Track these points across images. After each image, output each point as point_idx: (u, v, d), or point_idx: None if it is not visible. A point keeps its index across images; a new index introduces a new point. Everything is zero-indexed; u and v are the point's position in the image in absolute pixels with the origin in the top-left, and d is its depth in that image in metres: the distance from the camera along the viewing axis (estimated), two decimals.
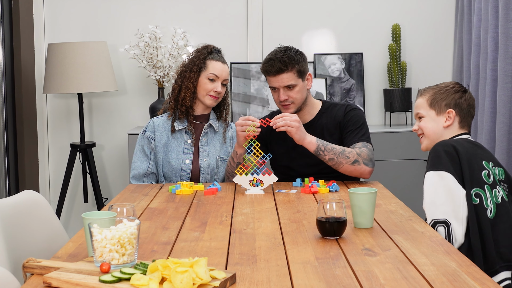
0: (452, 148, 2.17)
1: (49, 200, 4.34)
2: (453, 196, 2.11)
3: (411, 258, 1.68)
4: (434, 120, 2.36)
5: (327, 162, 2.67)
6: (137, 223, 1.60)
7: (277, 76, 2.72)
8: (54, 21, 4.32)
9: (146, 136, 2.90)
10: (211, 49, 2.94)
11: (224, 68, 2.90)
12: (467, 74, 3.91)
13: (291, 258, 1.70)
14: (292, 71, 2.71)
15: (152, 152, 2.89)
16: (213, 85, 2.87)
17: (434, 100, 2.36)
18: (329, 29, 4.35)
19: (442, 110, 2.35)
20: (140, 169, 2.88)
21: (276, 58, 2.71)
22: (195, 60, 2.89)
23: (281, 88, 2.73)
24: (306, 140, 2.65)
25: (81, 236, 1.94)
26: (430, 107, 2.37)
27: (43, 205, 2.19)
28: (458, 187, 2.12)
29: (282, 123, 2.60)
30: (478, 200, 2.13)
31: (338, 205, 1.89)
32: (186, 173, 2.88)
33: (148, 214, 2.26)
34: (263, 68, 2.75)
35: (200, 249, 1.80)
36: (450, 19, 4.31)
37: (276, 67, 2.70)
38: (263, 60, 2.78)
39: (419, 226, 2.02)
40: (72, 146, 4.03)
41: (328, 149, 2.66)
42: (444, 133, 2.35)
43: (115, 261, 1.56)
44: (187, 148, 2.90)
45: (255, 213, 2.25)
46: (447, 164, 2.14)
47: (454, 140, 2.26)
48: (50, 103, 4.36)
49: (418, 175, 4.01)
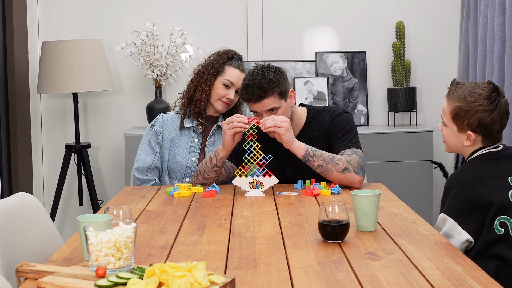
0: (465, 186, 2.09)
1: (43, 203, 4.34)
2: (448, 238, 2.10)
3: (415, 262, 1.68)
4: (455, 135, 2.23)
5: (316, 169, 2.63)
6: (133, 226, 1.60)
7: (258, 102, 2.64)
8: (48, 18, 4.32)
9: (154, 130, 2.95)
10: (232, 55, 2.99)
11: (241, 76, 2.94)
12: (473, 72, 3.91)
13: (292, 262, 1.70)
14: (273, 95, 2.63)
15: (159, 146, 2.93)
16: (226, 91, 2.92)
17: (457, 116, 2.19)
18: (331, 26, 4.35)
19: (463, 129, 2.19)
20: (144, 162, 2.91)
21: (254, 84, 2.61)
22: (214, 63, 2.94)
23: (264, 112, 2.66)
24: (294, 144, 2.61)
25: (76, 239, 1.94)
26: (452, 121, 2.21)
27: (37, 208, 2.19)
28: (457, 231, 2.08)
29: (271, 123, 2.56)
30: (503, 230, 2.03)
31: (341, 208, 1.89)
32: (190, 171, 2.92)
33: (145, 217, 2.26)
34: (242, 96, 2.67)
35: (198, 253, 1.80)
36: (456, 16, 4.31)
37: (255, 94, 2.62)
38: (241, 86, 2.69)
39: (423, 229, 2.02)
40: (67, 147, 4.03)
41: (317, 155, 2.62)
42: (464, 150, 2.24)
43: (111, 265, 1.56)
44: (194, 146, 2.95)
45: (255, 216, 2.25)
46: (451, 207, 2.11)
47: (470, 169, 2.15)
48: (44, 102, 4.37)
49: (422, 177, 4.02)
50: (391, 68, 4.25)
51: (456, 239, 2.08)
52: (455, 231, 2.09)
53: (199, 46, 4.23)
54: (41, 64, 3.91)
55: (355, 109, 4.28)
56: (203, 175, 2.77)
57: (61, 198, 4.20)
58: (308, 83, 4.24)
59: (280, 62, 4.26)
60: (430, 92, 4.36)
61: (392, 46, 4.19)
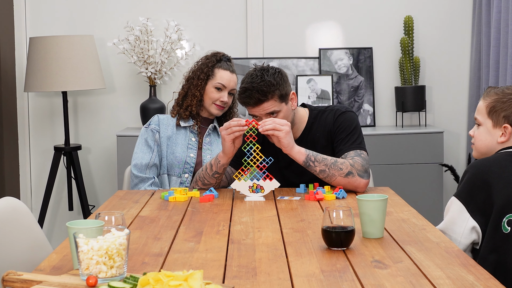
0: (482, 172, 2.12)
1: (30, 208, 4.34)
2: (452, 225, 2.14)
3: (424, 271, 1.68)
4: (490, 132, 2.25)
5: (318, 174, 2.63)
6: (126, 233, 1.60)
7: (257, 106, 2.65)
8: (36, 12, 4.32)
9: (151, 129, 3.03)
10: (221, 56, 3.07)
11: (232, 77, 3.03)
12: (486, 70, 3.92)
13: (294, 271, 1.70)
14: (273, 99, 2.63)
15: (156, 143, 3.00)
16: (219, 94, 3.00)
17: (493, 109, 2.23)
18: (336, 21, 4.35)
19: (499, 122, 2.23)
20: (142, 160, 2.97)
21: (253, 88, 2.61)
22: (203, 68, 3.03)
23: (263, 116, 2.66)
24: (294, 149, 2.60)
25: (65, 247, 1.94)
26: (488, 116, 2.25)
27: (24, 213, 2.19)
28: (463, 217, 2.12)
29: (270, 126, 2.55)
30: (509, 229, 2.06)
31: (346, 213, 1.89)
32: (189, 166, 2.99)
33: (139, 223, 2.26)
34: (240, 100, 2.68)
35: (195, 261, 1.80)
36: (468, 10, 4.32)
37: (254, 98, 2.62)
38: (239, 89, 2.70)
39: (433, 236, 2.02)
40: (56, 149, 4.03)
41: (318, 160, 2.62)
42: (497, 147, 2.25)
43: (103, 274, 1.56)
44: (191, 144, 3.02)
45: (255, 221, 2.25)
46: (463, 191, 2.14)
47: (493, 159, 2.18)
48: (32, 102, 4.37)
49: (432, 181, 4.02)
50: (399, 66, 4.25)
51: (462, 227, 2.11)
52: (461, 218, 2.13)
53: (195, 42, 4.23)
54: (28, 61, 3.92)
55: (361, 108, 4.29)
56: (203, 181, 2.77)
57: (50, 203, 4.20)
58: (311, 81, 4.24)
59: (282, 59, 4.27)
60: (440, 91, 4.36)
61: (400, 42, 4.19)
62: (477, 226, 2.11)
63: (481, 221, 2.11)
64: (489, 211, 2.11)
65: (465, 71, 4.34)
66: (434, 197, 4.02)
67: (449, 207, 2.19)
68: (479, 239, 2.13)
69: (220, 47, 3.58)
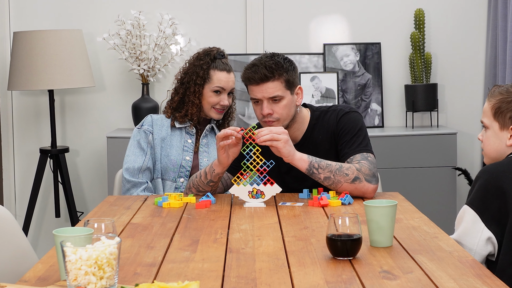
0: (495, 178, 2.10)
1: (15, 215, 4.34)
2: (466, 237, 2.13)
3: (436, 282, 1.68)
4: (497, 135, 2.24)
5: (322, 182, 2.62)
6: (117, 241, 1.60)
7: (261, 85, 2.66)
8: (20, 5, 4.33)
9: (144, 130, 3.02)
10: (214, 54, 3.05)
11: (229, 77, 3.03)
12: (502, 67, 3.92)
13: (297, 282, 1.70)
14: (279, 80, 2.66)
15: (149, 146, 3.00)
16: (218, 97, 3.01)
17: (499, 110, 2.21)
18: (342, 14, 4.36)
19: (506, 124, 2.21)
20: (134, 163, 2.96)
21: (261, 64, 2.66)
22: (198, 71, 3.01)
23: (265, 99, 2.67)
24: (296, 157, 2.60)
25: (52, 256, 1.94)
26: (494, 118, 2.23)
27: (8, 220, 2.19)
28: (477, 227, 2.11)
29: (268, 136, 2.54)
30: None
31: (352, 220, 1.89)
32: (185, 170, 2.98)
33: (131, 230, 2.27)
34: (245, 75, 2.70)
35: (191, 272, 1.81)
36: (483, 3, 4.32)
37: (260, 73, 2.65)
38: (245, 66, 2.73)
39: (446, 244, 2.02)
40: (42, 151, 4.04)
41: (322, 166, 2.62)
42: (507, 151, 2.24)
43: (92, 285, 1.56)
44: (187, 147, 3.03)
45: (255, 229, 2.25)
46: (476, 198, 2.13)
47: (507, 163, 2.17)
48: (16, 101, 4.37)
49: (444, 185, 4.02)
50: (409, 62, 4.26)
51: (477, 238, 2.10)
52: (475, 228, 2.12)
53: (191, 37, 4.23)
54: (12, 58, 3.92)
55: (369, 108, 4.29)
56: (197, 188, 2.78)
57: (35, 209, 4.21)
58: (315, 79, 4.25)
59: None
60: (453, 89, 4.37)
61: (411, 36, 4.20)
62: (493, 236, 2.10)
63: (496, 231, 2.10)
64: (504, 220, 2.09)
65: (480, 68, 4.34)
66: (446, 203, 4.02)
67: (462, 216, 2.18)
68: (494, 251, 2.13)
69: (217, 42, 3.59)
